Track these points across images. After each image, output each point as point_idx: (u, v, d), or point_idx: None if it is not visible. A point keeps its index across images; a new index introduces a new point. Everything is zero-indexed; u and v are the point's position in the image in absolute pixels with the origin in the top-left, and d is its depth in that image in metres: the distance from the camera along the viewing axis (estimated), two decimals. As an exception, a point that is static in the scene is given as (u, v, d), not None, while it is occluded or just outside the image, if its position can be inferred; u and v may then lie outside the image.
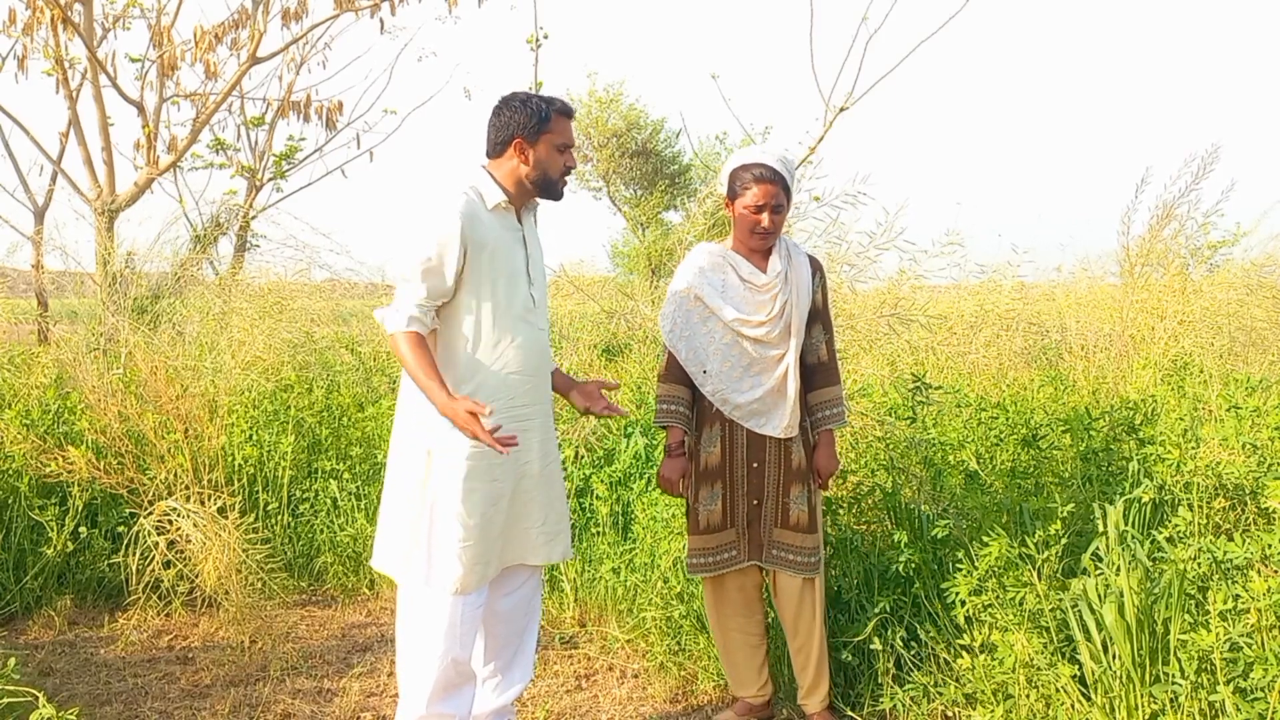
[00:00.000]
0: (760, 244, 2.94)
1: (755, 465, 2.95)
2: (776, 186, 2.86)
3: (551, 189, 2.68)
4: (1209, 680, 2.36)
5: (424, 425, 2.53)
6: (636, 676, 3.48)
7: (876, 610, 3.12)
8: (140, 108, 8.50)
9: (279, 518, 4.59)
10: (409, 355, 2.45)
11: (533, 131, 2.59)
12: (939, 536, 3.12)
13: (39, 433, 4.40)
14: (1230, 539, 2.61)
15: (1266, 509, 2.79)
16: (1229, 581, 2.47)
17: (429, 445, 2.54)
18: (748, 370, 2.93)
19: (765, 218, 2.88)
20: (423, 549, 2.56)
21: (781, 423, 2.91)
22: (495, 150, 2.64)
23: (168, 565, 3.89)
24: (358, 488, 4.67)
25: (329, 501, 4.63)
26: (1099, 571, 2.64)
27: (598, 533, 4.20)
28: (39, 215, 8.99)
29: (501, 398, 2.57)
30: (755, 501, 2.96)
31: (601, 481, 4.21)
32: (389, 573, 2.67)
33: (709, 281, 2.96)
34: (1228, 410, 3.14)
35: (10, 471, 4.21)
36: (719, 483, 2.97)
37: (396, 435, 2.67)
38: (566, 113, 2.65)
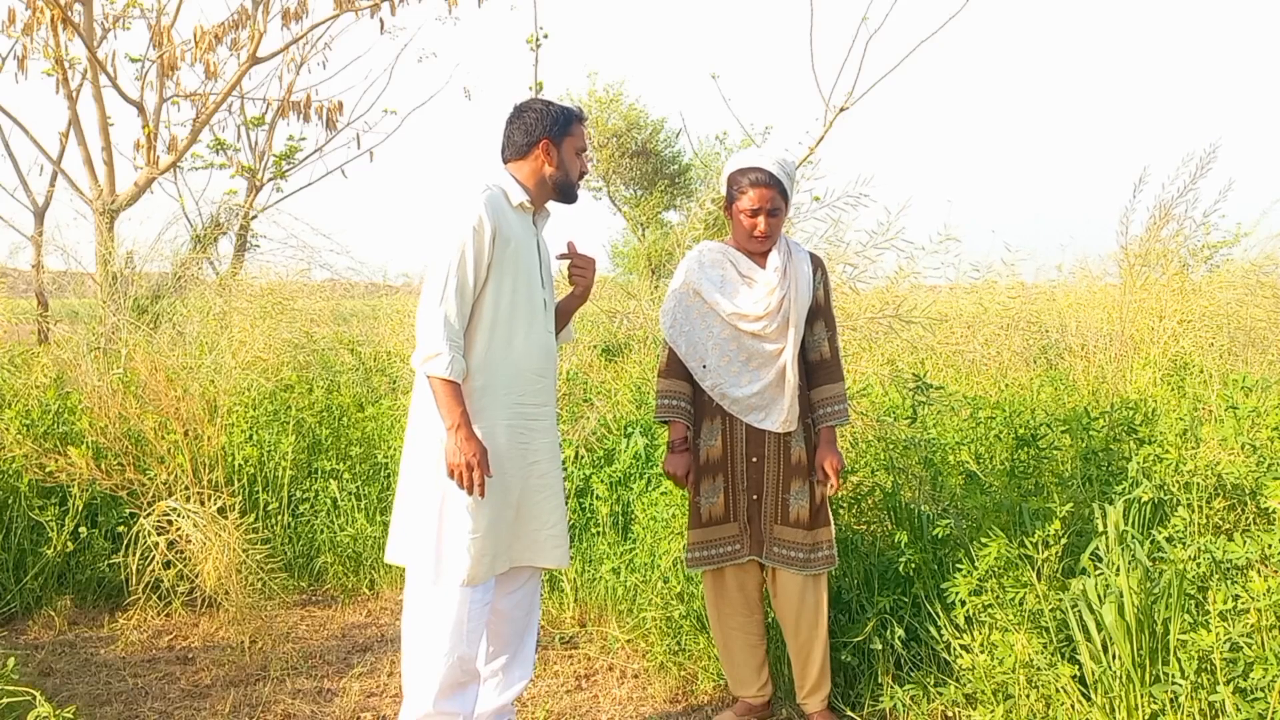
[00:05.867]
0: (758, 247, 2.94)
1: (755, 460, 2.95)
2: (773, 190, 2.87)
3: (570, 191, 2.78)
4: (1209, 680, 2.36)
5: (440, 417, 2.55)
6: (636, 676, 3.48)
7: (876, 610, 3.12)
8: (140, 108, 8.50)
9: (279, 518, 4.59)
10: (443, 397, 2.50)
11: (558, 133, 2.70)
12: (939, 536, 3.12)
13: (39, 433, 4.40)
14: (1230, 539, 2.61)
15: (1266, 509, 2.79)
16: (1229, 581, 2.47)
17: (444, 436, 2.56)
18: (746, 365, 2.93)
19: (761, 221, 2.88)
20: (432, 542, 2.58)
21: (780, 417, 2.91)
22: (519, 151, 2.72)
23: (168, 565, 3.89)
24: (358, 488, 4.68)
25: (329, 501, 4.63)
26: (1099, 571, 2.64)
27: (598, 533, 4.20)
28: (39, 215, 9.00)
29: (513, 393, 2.64)
30: (755, 496, 2.96)
31: (601, 481, 4.21)
32: (401, 563, 2.70)
33: (708, 277, 2.97)
34: (1226, 410, 3.13)
35: (10, 471, 4.20)
36: (720, 476, 2.97)
37: (413, 426, 2.70)
38: (583, 119, 2.79)
